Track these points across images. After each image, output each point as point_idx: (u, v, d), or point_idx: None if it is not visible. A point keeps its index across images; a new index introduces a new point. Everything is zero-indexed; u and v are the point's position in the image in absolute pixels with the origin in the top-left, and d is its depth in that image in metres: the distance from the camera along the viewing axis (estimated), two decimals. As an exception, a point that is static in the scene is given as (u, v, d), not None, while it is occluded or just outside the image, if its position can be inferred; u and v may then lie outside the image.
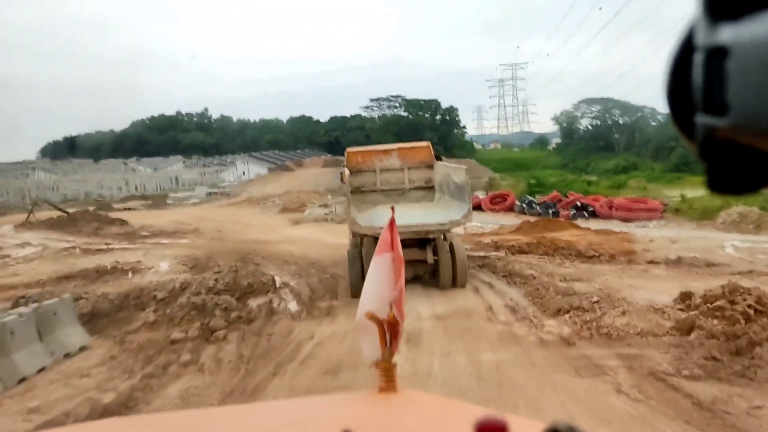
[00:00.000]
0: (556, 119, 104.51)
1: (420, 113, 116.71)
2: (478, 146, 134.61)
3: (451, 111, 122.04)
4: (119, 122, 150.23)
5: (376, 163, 14.38)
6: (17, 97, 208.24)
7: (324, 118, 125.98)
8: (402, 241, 4.38)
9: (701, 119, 0.44)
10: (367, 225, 11.23)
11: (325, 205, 39.17)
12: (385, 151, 14.76)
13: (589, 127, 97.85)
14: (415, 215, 11.90)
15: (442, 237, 11.99)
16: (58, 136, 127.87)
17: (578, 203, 26.60)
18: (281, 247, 19.64)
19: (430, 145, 15.06)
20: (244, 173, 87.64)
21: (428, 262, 11.63)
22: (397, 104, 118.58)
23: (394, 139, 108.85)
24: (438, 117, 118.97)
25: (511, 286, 12.20)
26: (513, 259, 15.28)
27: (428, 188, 14.34)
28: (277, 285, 13.59)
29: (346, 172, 13.20)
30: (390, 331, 1.82)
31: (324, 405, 1.86)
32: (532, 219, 26.03)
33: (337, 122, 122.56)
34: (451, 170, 13.08)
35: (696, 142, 0.46)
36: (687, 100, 0.45)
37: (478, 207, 31.66)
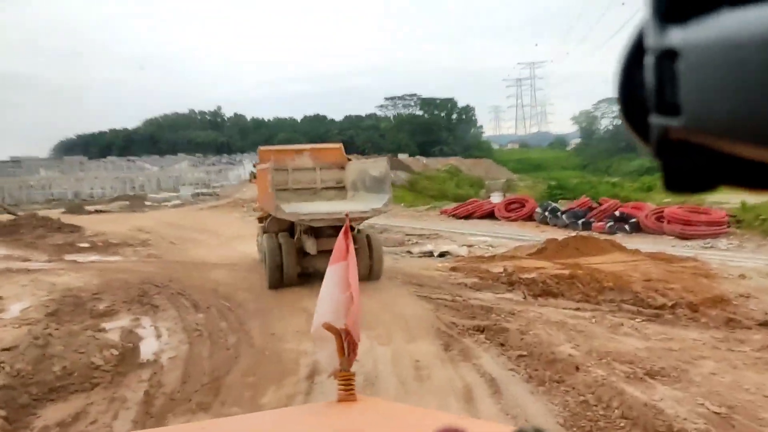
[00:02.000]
0: (575, 119, 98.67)
1: (435, 112, 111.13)
2: (495, 146, 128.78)
3: (468, 110, 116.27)
4: (133, 120, 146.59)
5: (288, 162, 13.71)
6: (36, 96, 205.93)
7: (339, 117, 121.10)
8: (323, 229, 10.60)
9: (654, 120, 0.44)
10: (291, 212, 11.02)
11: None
12: (298, 151, 14.39)
13: (610, 128, 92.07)
14: (335, 206, 11.95)
15: (356, 231, 11.66)
16: (72, 134, 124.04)
17: (616, 213, 20.49)
18: (220, 271, 13.98)
19: (342, 147, 14.76)
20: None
21: None
22: (412, 103, 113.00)
23: (409, 138, 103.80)
24: (454, 116, 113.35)
25: (534, 394, 6.20)
26: (535, 312, 9.33)
27: (340, 188, 13.95)
28: (146, 358, 7.95)
29: (265, 166, 12.39)
30: (348, 340, 1.77)
31: (285, 417, 1.79)
32: (558, 232, 20.08)
33: (351, 121, 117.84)
34: (368, 165, 13.04)
35: (650, 143, 0.45)
36: (639, 102, 0.45)
37: (490, 215, 25.74)
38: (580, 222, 20.92)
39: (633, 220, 19.62)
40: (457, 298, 10.39)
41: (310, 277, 11.33)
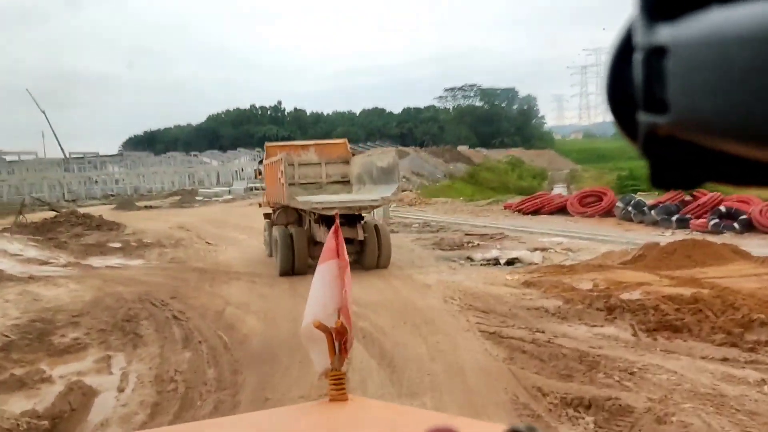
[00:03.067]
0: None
1: (496, 102, 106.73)
2: (557, 137, 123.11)
3: (529, 100, 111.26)
4: (198, 116, 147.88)
5: (294, 158, 13.37)
6: (110, 94, 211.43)
7: (397, 110, 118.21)
8: (332, 217, 8.15)
9: (642, 117, 0.43)
10: (304, 200, 11.29)
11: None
12: (304, 147, 14.56)
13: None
14: (345, 195, 12.20)
15: (364, 221, 11.80)
16: (140, 130, 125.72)
17: (722, 208, 16.69)
18: (238, 285, 11.30)
19: (347, 142, 14.83)
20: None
21: (358, 239, 11.30)
22: (472, 94, 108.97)
23: (469, 130, 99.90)
24: (515, 106, 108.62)
25: None
26: (662, 366, 6.04)
27: (344, 182, 13.86)
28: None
29: (276, 159, 12.79)
30: (339, 339, 1.74)
31: (276, 418, 1.76)
32: (647, 231, 16.56)
33: (409, 114, 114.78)
34: (374, 158, 13.02)
35: (638, 141, 0.45)
36: (627, 99, 0.44)
37: (561, 210, 22.22)
38: (673, 219, 17.23)
39: (743, 216, 15.81)
40: (538, 335, 7.23)
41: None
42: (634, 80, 0.43)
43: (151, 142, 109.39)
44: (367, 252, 11.68)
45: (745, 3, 0.34)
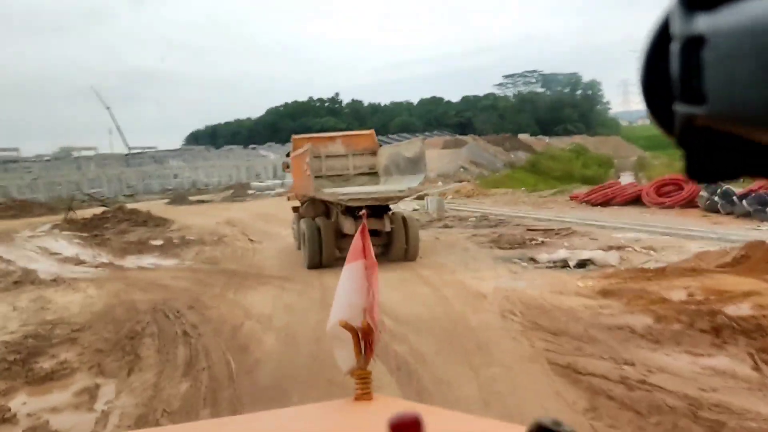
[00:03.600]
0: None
1: (558, 89, 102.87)
2: (624, 123, 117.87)
3: (594, 85, 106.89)
4: (257, 110, 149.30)
5: (321, 150, 13.23)
6: (174, 90, 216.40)
7: (456, 98, 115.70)
8: (360, 208, 5.41)
9: (679, 108, 0.43)
10: (330, 192, 11.25)
11: (422, 196, 28.90)
12: (330, 138, 14.12)
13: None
14: (370, 188, 11.90)
15: (392, 213, 11.55)
16: (202, 125, 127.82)
17: (832, 198, 14.26)
18: (264, 293, 9.95)
19: (373, 133, 14.49)
20: (367, 157, 79.81)
21: (385, 230, 11.15)
22: (533, 80, 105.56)
23: (530, 117, 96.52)
24: (578, 92, 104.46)
25: None
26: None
27: (372, 174, 13.56)
28: None
29: (299, 155, 12.51)
30: (365, 338, 1.71)
31: (300, 416, 1.76)
32: (738, 224, 14.39)
33: (468, 102, 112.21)
34: (401, 148, 12.79)
35: (674, 132, 0.44)
36: (663, 90, 0.44)
37: (636, 200, 20.00)
38: (769, 210, 14.92)
39: None
40: (627, 370, 5.48)
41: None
42: (670, 71, 0.42)
43: (213, 137, 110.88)
44: (394, 244, 11.45)
45: None
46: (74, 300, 10.02)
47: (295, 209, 14.04)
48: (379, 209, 11.05)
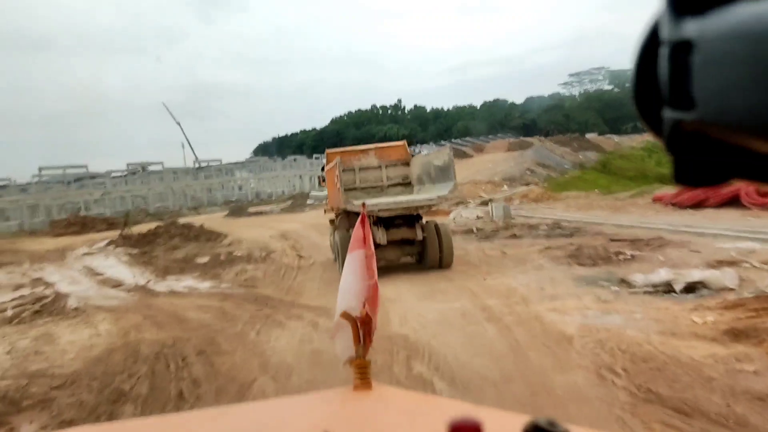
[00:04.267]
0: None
1: (627, 85, 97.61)
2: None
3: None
4: (323, 120, 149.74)
5: (355, 163, 13.33)
6: (244, 104, 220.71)
7: (520, 100, 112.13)
8: (391, 218, 10.78)
9: (668, 113, 0.43)
10: (359, 203, 9.06)
11: (486, 202, 26.62)
12: (363, 151, 13.89)
13: None
14: (400, 197, 11.79)
15: (425, 221, 11.49)
16: (269, 137, 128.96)
17: None
18: (294, 330, 8.16)
19: (406, 144, 14.26)
20: (429, 163, 77.83)
21: (417, 239, 11.14)
22: (600, 77, 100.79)
23: (597, 116, 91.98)
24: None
25: None
26: None
27: (405, 184, 13.46)
28: None
29: (331, 168, 12.63)
30: (363, 328, 1.72)
31: (299, 405, 1.69)
32: None
33: (533, 103, 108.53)
34: (431, 157, 12.61)
35: (663, 136, 0.44)
36: (653, 95, 0.44)
37: (733, 200, 17.19)
38: None
39: None
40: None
41: (380, 270, 6.24)
42: (660, 76, 0.42)
43: (280, 148, 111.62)
44: (428, 252, 11.29)
45: None
46: (78, 339, 8.50)
47: (332, 222, 14.14)
48: (410, 218, 11.17)
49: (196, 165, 58.78)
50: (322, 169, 14.31)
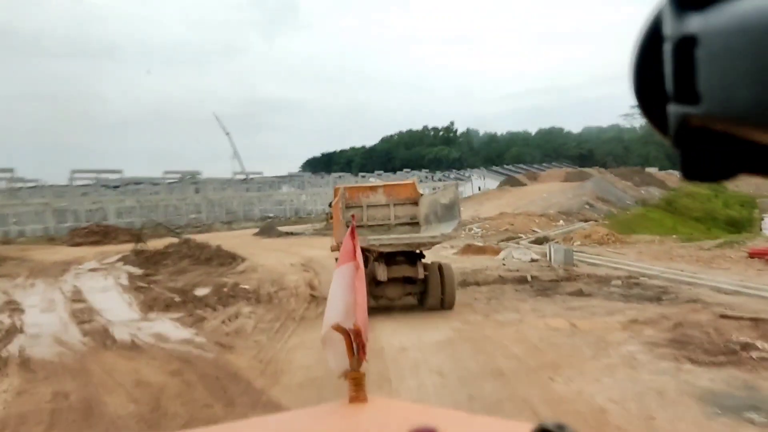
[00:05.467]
0: None
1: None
2: None
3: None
4: (372, 139, 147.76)
5: (363, 200, 12.98)
6: (298, 118, 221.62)
7: (577, 129, 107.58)
8: (393, 255, 10.53)
9: (674, 109, 0.42)
10: (360, 238, 4.33)
11: (541, 240, 23.03)
12: (372, 188, 13.76)
13: None
14: (402, 234, 11.55)
15: (429, 261, 11.12)
16: (318, 152, 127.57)
17: None
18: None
19: (415, 183, 13.62)
20: (479, 188, 74.20)
21: (419, 278, 10.77)
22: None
23: (659, 150, 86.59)
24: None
25: None
26: None
27: (413, 224, 12.84)
28: None
29: (338, 203, 11.89)
30: (356, 340, 1.69)
31: (295, 420, 1.70)
32: None
33: (590, 133, 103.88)
34: (438, 195, 12.33)
35: (669, 133, 0.44)
36: (657, 91, 0.43)
37: None
38: None
39: None
40: None
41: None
42: (663, 71, 0.41)
43: (328, 164, 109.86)
44: (430, 292, 10.84)
45: None
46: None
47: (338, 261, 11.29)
48: (412, 256, 10.89)
49: (243, 177, 56.70)
50: (330, 204, 13.12)
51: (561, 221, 33.22)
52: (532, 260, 17.80)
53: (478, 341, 8.34)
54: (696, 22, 0.38)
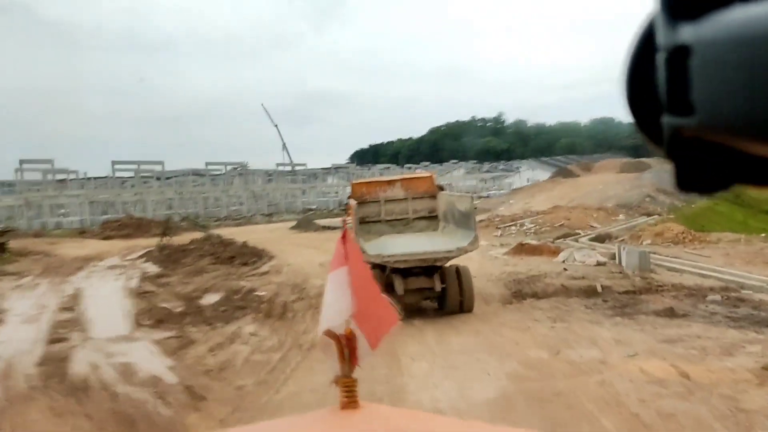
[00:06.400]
0: None
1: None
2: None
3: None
4: (419, 130, 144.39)
5: (380, 194, 12.65)
6: (347, 111, 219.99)
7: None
8: (410, 269, 9.77)
9: (667, 120, 0.41)
10: (375, 253, 9.85)
11: (604, 238, 19.94)
12: (389, 182, 13.10)
13: None
14: (421, 243, 10.83)
15: (443, 267, 10.41)
16: (366, 144, 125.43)
17: None
18: None
19: (433, 176, 13.50)
20: (528, 179, 70.42)
21: (436, 290, 10.21)
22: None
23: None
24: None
25: None
26: None
27: (432, 218, 12.59)
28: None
29: (352, 203, 11.56)
30: (348, 345, 1.60)
31: (286, 427, 1.66)
32: None
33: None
34: (455, 199, 12.02)
35: (662, 144, 0.42)
36: (649, 102, 0.42)
37: None
38: None
39: None
40: None
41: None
42: (656, 81, 0.40)
43: (375, 155, 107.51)
44: (448, 297, 10.20)
45: None
46: None
47: None
48: (429, 268, 10.11)
49: (288, 168, 54.72)
50: (346, 204, 12.89)
51: (621, 215, 29.76)
52: (598, 263, 14.80)
53: (548, 403, 5.59)
54: (689, 33, 0.37)
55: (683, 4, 0.38)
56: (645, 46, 0.41)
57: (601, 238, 20.67)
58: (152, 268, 17.38)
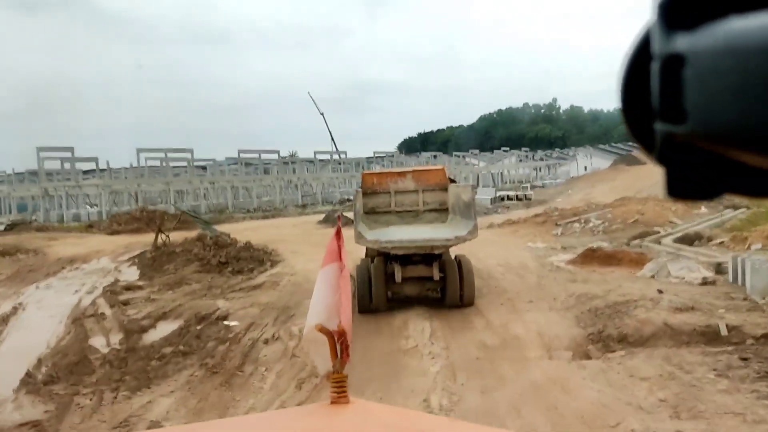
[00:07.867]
0: None
1: None
2: None
3: None
4: (469, 117, 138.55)
5: (391, 186, 12.30)
6: (398, 99, 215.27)
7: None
8: (409, 257, 9.45)
9: (659, 126, 0.41)
10: (373, 239, 9.93)
11: (693, 238, 15.42)
12: (400, 174, 12.79)
13: None
14: (422, 232, 10.74)
15: (450, 255, 10.35)
16: (415, 132, 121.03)
17: None
18: None
19: (445, 169, 13.05)
20: (585, 168, 64.81)
21: (434, 279, 10.05)
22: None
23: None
24: None
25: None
26: None
27: (442, 210, 12.22)
28: None
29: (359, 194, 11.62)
30: (340, 342, 1.60)
31: (276, 420, 1.63)
32: None
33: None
34: (460, 189, 11.84)
35: (654, 149, 0.42)
36: (643, 109, 0.42)
37: None
38: None
39: None
40: None
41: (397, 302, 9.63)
42: (650, 89, 0.40)
43: (424, 143, 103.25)
44: (448, 289, 10.06)
45: (765, 12, 0.33)
46: None
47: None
48: (428, 256, 10.00)
49: (329, 158, 51.19)
50: (359, 188, 12.19)
51: (702, 207, 24.71)
52: (705, 282, 10.44)
53: None
54: (684, 42, 0.37)
55: (680, 14, 0.38)
56: (641, 55, 0.41)
57: (689, 239, 16.06)
58: (132, 276, 14.05)
